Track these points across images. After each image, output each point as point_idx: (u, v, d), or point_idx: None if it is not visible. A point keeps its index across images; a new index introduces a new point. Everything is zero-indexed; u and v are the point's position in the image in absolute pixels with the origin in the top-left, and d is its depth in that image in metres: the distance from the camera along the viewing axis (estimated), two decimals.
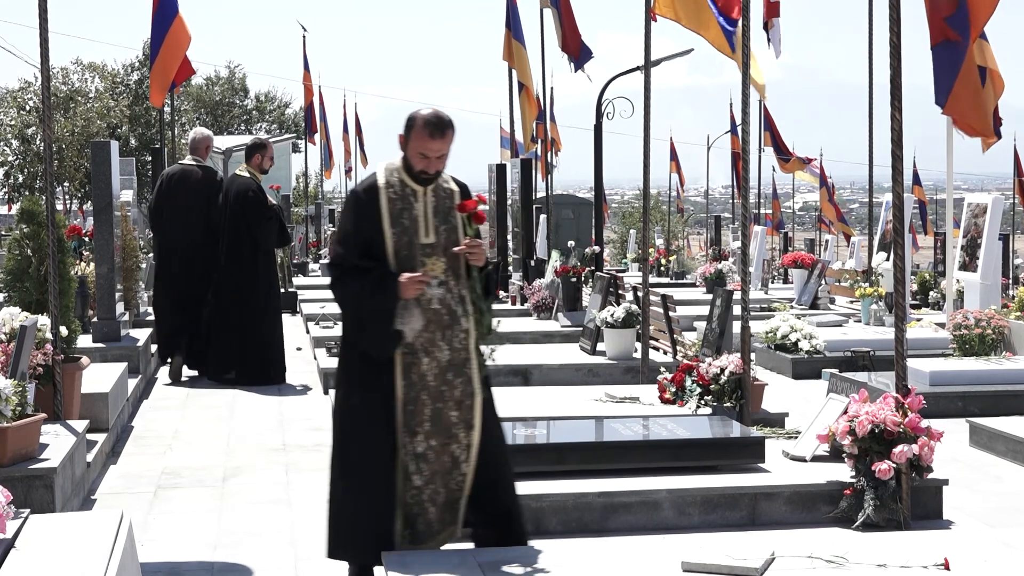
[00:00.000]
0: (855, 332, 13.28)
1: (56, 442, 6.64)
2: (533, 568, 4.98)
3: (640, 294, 10.37)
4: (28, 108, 37.72)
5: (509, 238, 17.27)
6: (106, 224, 10.49)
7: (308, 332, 14.07)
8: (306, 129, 34.71)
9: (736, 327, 8.70)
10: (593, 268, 13.78)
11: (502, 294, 16.65)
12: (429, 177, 5.11)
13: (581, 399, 8.87)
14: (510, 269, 17.06)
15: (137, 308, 12.15)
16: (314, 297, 16.72)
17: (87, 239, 12.57)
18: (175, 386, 11.04)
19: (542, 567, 5.00)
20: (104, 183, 10.48)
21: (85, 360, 7.84)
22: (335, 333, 11.64)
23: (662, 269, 26.66)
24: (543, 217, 22.94)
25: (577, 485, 6.21)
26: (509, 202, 17.31)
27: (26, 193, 34.97)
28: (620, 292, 11.68)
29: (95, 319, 10.52)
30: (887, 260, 13.48)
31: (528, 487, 6.13)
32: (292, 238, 12.88)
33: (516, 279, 16.45)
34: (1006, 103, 12.39)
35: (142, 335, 11.08)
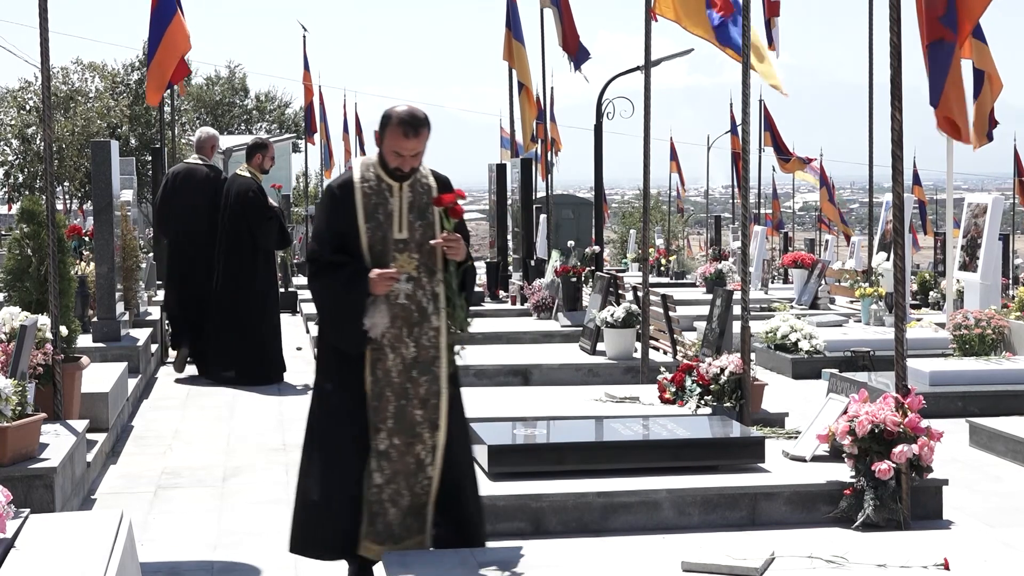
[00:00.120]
0: (855, 332, 13.28)
1: (56, 442, 6.64)
2: (533, 568, 4.98)
3: (640, 294, 10.36)
4: (28, 108, 37.71)
5: (509, 238, 17.28)
6: (106, 224, 10.49)
7: (308, 332, 14.08)
8: (306, 129, 34.64)
9: (736, 327, 8.70)
10: (593, 268, 13.78)
11: (502, 294, 16.66)
12: (405, 173, 5.07)
13: (581, 399, 8.87)
14: (510, 269, 17.07)
15: (137, 308, 12.15)
16: None
17: (87, 239, 12.56)
18: (178, 383, 11.07)
19: (542, 567, 5.00)
20: (104, 183, 10.48)
21: (85, 360, 7.83)
22: None
23: (662, 269, 26.67)
24: (543, 217, 22.94)
25: (577, 485, 6.21)
26: (509, 202, 17.32)
27: (26, 193, 34.97)
28: (620, 292, 11.68)
29: (95, 319, 10.52)
30: (887, 260, 13.48)
31: (528, 487, 6.14)
32: (292, 239, 12.89)
33: (516, 279, 16.45)
34: (1006, 103, 12.41)
35: (142, 335, 11.08)
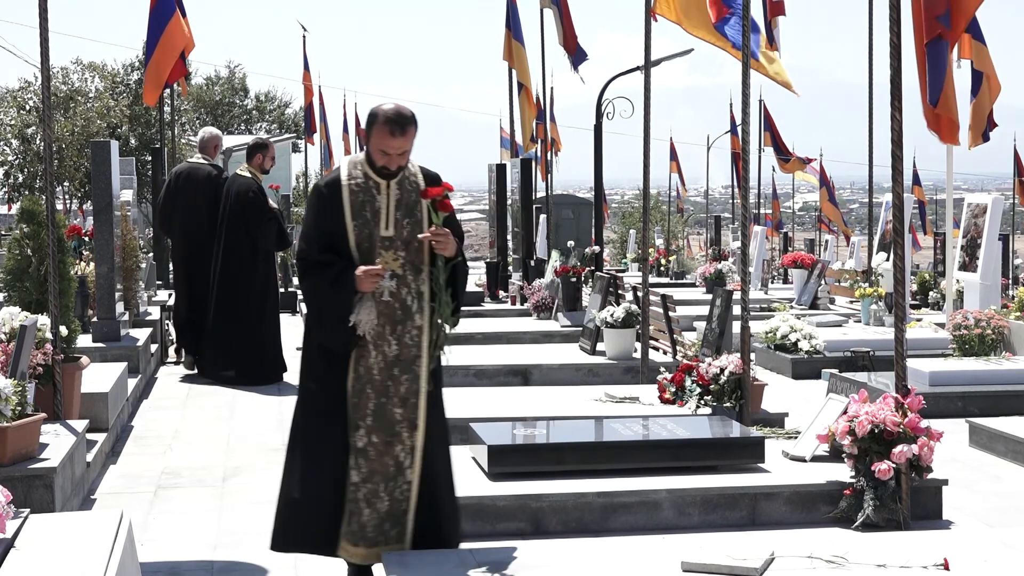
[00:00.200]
0: (855, 332, 13.29)
1: (56, 442, 6.64)
2: (533, 568, 4.98)
3: (640, 294, 10.36)
4: (28, 108, 37.68)
5: (509, 238, 17.28)
6: (106, 224, 10.49)
7: None
8: (306, 129, 34.66)
9: (736, 327, 8.70)
10: (593, 268, 13.78)
11: (502, 294, 16.66)
12: (392, 171, 5.05)
13: (581, 399, 8.87)
14: (510, 269, 17.07)
15: (137, 308, 12.15)
16: None
17: (87, 239, 12.56)
18: (177, 383, 11.07)
19: (542, 567, 5.00)
20: (104, 183, 10.48)
21: (85, 360, 7.83)
22: None
23: (662, 269, 26.67)
24: (543, 217, 22.94)
25: (577, 485, 6.21)
26: (509, 202, 17.32)
27: (26, 193, 34.97)
28: (620, 292, 11.67)
29: (95, 319, 10.52)
30: (887, 260, 13.48)
31: (528, 487, 6.14)
32: (292, 239, 12.87)
33: (516, 279, 16.46)
34: (1006, 103, 12.41)
35: (142, 335, 11.08)
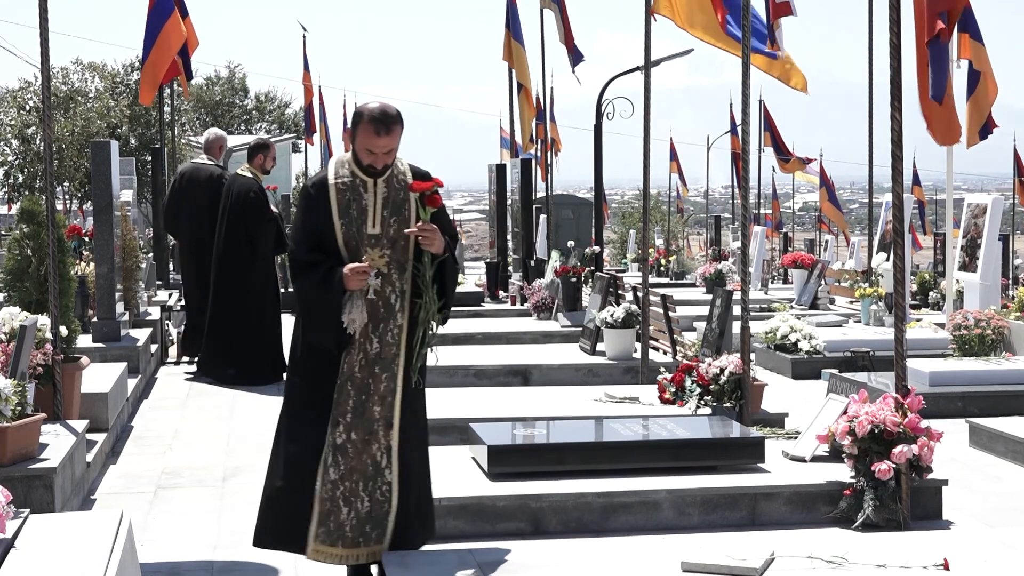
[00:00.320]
0: (855, 332, 13.29)
1: (56, 442, 6.64)
2: (533, 568, 4.98)
3: (640, 294, 10.36)
4: (28, 108, 37.67)
5: (509, 238, 17.28)
6: (106, 224, 10.49)
7: None
8: (306, 129, 34.64)
9: (736, 327, 8.70)
10: (593, 268, 13.77)
11: (502, 294, 16.66)
12: (378, 170, 5.04)
13: (581, 399, 8.86)
14: (510, 269, 17.07)
15: (137, 308, 12.15)
16: None
17: (87, 239, 12.57)
18: (177, 383, 11.07)
19: (542, 567, 5.00)
20: (104, 183, 10.48)
21: (85, 360, 7.83)
22: None
23: (662, 269, 26.67)
24: (543, 217, 22.94)
25: (577, 485, 6.20)
26: (509, 202, 17.32)
27: (26, 193, 34.97)
28: (620, 292, 11.67)
29: (95, 319, 10.52)
30: (887, 260, 13.48)
31: (528, 487, 6.14)
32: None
33: (516, 279, 16.46)
34: (1006, 103, 12.44)
35: (142, 335, 11.08)
